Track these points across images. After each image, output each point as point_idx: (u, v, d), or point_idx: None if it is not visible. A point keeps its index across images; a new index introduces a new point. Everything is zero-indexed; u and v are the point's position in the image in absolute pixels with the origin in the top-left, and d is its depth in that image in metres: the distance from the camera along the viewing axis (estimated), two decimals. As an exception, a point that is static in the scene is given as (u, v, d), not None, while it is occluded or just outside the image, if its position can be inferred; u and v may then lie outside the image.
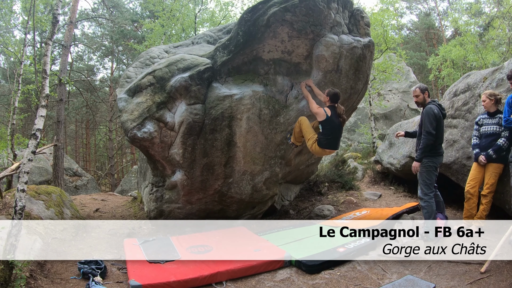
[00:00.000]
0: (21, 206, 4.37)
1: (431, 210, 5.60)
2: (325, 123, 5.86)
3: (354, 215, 7.57)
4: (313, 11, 6.20)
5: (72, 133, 33.57)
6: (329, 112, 5.80)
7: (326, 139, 5.89)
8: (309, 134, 6.07)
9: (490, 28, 17.27)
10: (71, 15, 13.43)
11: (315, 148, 5.99)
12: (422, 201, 5.70)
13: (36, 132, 4.74)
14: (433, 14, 33.42)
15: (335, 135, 5.98)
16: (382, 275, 4.71)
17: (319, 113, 5.86)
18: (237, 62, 6.68)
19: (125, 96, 6.61)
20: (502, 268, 4.34)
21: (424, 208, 5.70)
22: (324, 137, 5.89)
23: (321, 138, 5.91)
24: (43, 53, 5.99)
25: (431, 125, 5.45)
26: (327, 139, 5.90)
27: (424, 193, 5.67)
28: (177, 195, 6.87)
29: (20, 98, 12.08)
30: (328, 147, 5.97)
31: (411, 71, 20.57)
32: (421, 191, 5.73)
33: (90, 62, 31.55)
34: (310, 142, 6.03)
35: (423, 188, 5.69)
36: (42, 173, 15.94)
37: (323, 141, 5.90)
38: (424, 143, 5.50)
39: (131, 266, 4.99)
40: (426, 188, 5.65)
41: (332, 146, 6.04)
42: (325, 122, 5.85)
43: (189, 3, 20.50)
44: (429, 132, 5.44)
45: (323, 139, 5.90)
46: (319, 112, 5.87)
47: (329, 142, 5.93)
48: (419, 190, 5.77)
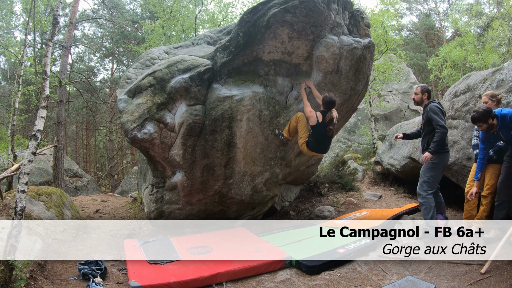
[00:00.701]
0: (21, 207, 4.37)
1: (429, 206, 5.56)
2: (315, 128, 6.06)
3: (354, 216, 7.57)
4: (313, 12, 6.20)
5: (72, 134, 33.58)
6: (320, 118, 5.99)
7: (314, 142, 6.12)
8: (303, 133, 6.24)
9: (490, 29, 17.25)
10: (71, 16, 13.46)
11: (303, 148, 6.26)
12: (420, 197, 5.69)
13: (36, 133, 4.74)
14: (433, 15, 33.47)
15: (321, 141, 6.17)
16: (382, 276, 4.70)
17: (311, 117, 6.03)
18: (237, 63, 6.69)
19: (125, 97, 6.61)
20: (503, 268, 4.34)
21: (422, 204, 5.68)
22: (312, 140, 6.11)
23: (310, 140, 6.14)
24: (44, 54, 6.00)
25: (441, 119, 5.44)
26: (314, 143, 6.13)
27: (423, 190, 5.65)
28: (177, 196, 6.87)
29: (21, 99, 12.08)
30: (314, 150, 6.24)
31: (411, 72, 20.57)
32: (420, 188, 5.70)
33: (91, 63, 31.67)
34: (301, 141, 6.26)
35: (424, 185, 5.66)
36: (43, 174, 15.95)
37: (311, 143, 6.14)
38: (439, 136, 5.40)
39: (131, 267, 4.99)
40: (427, 185, 5.62)
41: (319, 150, 6.34)
42: (315, 127, 6.05)
43: (189, 4, 20.51)
44: (441, 126, 5.39)
45: (312, 142, 6.13)
46: (311, 116, 6.03)
47: (316, 146, 6.18)
48: (419, 186, 5.74)
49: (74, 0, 13.60)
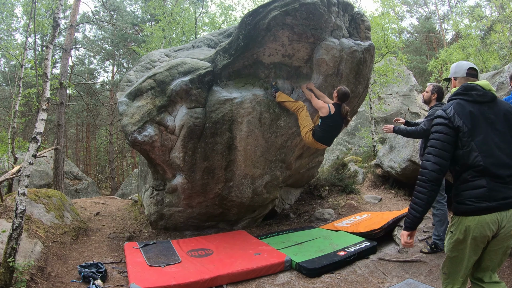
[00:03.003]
0: (21, 209, 4.37)
1: (444, 218, 5.25)
2: (326, 119, 5.90)
3: (354, 218, 7.56)
4: (313, 14, 6.21)
5: (72, 136, 33.58)
6: (332, 110, 5.85)
7: (322, 133, 5.95)
8: (306, 122, 6.15)
9: (492, 32, 17.25)
10: (72, 18, 13.44)
11: (308, 137, 6.06)
12: (435, 209, 5.35)
13: (36, 135, 4.74)
14: (433, 17, 33.53)
15: (331, 133, 6.04)
16: (382, 279, 4.70)
17: (323, 108, 5.89)
18: (238, 65, 6.70)
19: (126, 100, 6.62)
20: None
21: (437, 216, 5.35)
22: (320, 130, 5.95)
23: (317, 130, 5.97)
24: (44, 57, 6.01)
25: None
26: (323, 134, 5.96)
27: (440, 199, 5.35)
28: (178, 198, 6.87)
29: (21, 101, 12.12)
30: (321, 141, 6.03)
31: (412, 75, 20.60)
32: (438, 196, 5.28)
33: (91, 65, 31.75)
34: (305, 130, 6.10)
35: (441, 193, 5.37)
36: (43, 176, 15.92)
37: (318, 133, 5.96)
38: None
39: (131, 269, 4.98)
40: (444, 191, 5.38)
41: (325, 142, 6.12)
42: (326, 118, 5.89)
43: (189, 6, 20.55)
44: None
45: (319, 132, 5.95)
46: (323, 106, 5.90)
47: (323, 137, 6.00)
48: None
49: (74, 3, 13.59)
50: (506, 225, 2.54)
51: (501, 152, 2.63)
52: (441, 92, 5.38)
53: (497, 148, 2.64)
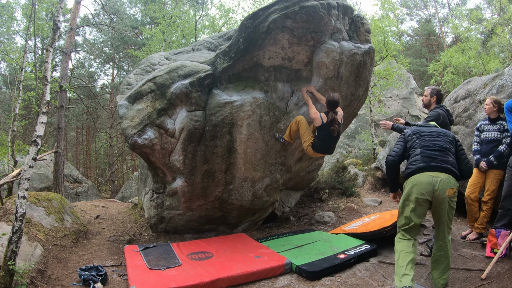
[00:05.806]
0: (21, 212, 4.37)
1: None
2: (320, 129, 6.10)
3: (363, 220, 7.49)
4: (313, 17, 6.22)
5: (72, 139, 33.60)
6: (325, 119, 6.03)
7: (319, 143, 6.15)
8: (307, 136, 6.28)
9: (494, 35, 17.26)
10: (72, 21, 13.47)
11: (309, 151, 6.29)
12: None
13: (36, 138, 4.74)
14: (433, 20, 33.59)
15: (327, 142, 6.18)
16: (382, 282, 4.69)
17: (316, 119, 6.07)
18: (238, 68, 6.71)
19: (126, 103, 6.63)
20: (503, 274, 4.32)
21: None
22: (318, 141, 6.15)
23: (315, 142, 6.18)
24: (44, 60, 6.01)
25: None
26: (320, 144, 6.15)
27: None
28: (178, 201, 6.87)
29: (21, 104, 12.12)
30: (320, 151, 6.27)
31: (412, 78, 20.62)
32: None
33: (91, 68, 31.73)
34: (306, 144, 6.29)
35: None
36: (43, 179, 15.93)
37: (316, 145, 6.17)
38: None
39: (131, 272, 4.97)
40: None
41: (324, 151, 6.36)
42: (320, 128, 6.09)
43: (189, 9, 20.59)
44: None
45: (317, 143, 6.16)
46: (316, 117, 6.07)
47: (321, 147, 6.19)
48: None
49: (74, 6, 13.62)
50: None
51: None
52: (440, 94, 5.41)
53: None
